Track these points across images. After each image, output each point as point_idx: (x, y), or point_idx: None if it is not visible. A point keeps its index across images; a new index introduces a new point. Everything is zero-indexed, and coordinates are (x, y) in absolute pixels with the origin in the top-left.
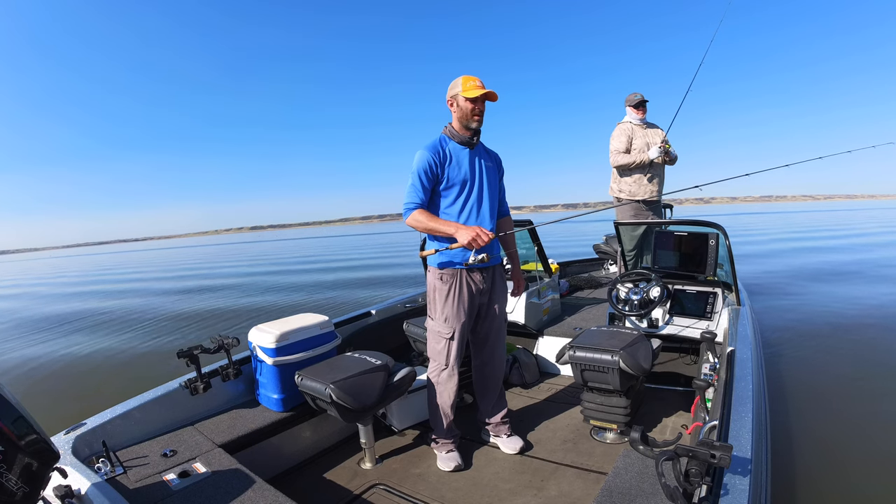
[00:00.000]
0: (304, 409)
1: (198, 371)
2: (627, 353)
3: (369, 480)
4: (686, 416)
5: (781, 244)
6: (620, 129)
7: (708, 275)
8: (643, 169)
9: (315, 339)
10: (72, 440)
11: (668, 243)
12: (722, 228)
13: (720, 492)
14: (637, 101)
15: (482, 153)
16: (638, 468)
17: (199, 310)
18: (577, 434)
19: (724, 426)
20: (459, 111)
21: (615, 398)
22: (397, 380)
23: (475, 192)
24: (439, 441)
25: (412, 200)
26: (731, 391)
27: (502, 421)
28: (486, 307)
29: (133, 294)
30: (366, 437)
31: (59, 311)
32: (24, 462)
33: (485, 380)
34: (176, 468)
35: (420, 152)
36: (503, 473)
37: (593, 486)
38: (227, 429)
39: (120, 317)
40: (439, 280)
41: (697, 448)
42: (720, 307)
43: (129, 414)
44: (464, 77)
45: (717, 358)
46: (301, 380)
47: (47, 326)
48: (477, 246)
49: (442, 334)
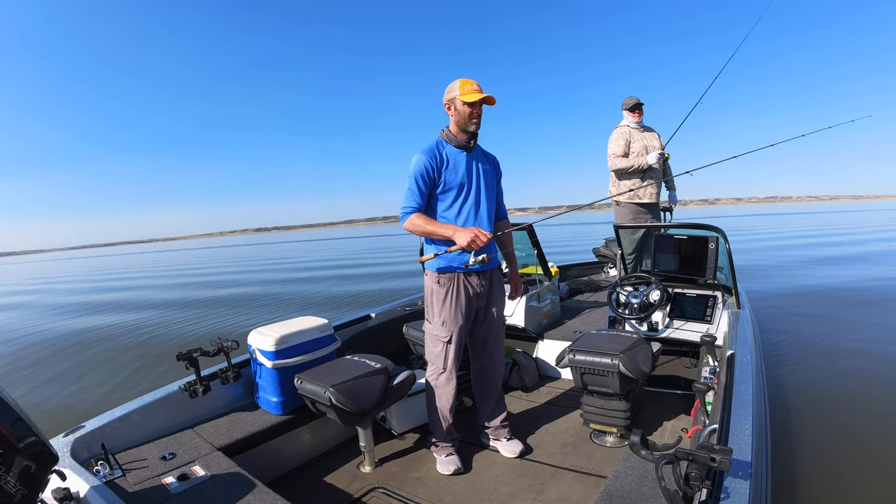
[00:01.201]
0: (304, 412)
1: (197, 374)
2: (627, 356)
3: (369, 484)
4: (686, 419)
5: (784, 246)
6: (618, 133)
7: (708, 278)
8: (641, 172)
9: (314, 343)
10: (70, 443)
11: (667, 247)
12: (722, 231)
13: (720, 495)
14: (633, 104)
15: (479, 156)
16: (638, 472)
17: (201, 309)
18: (576, 437)
19: (725, 430)
20: (457, 115)
21: (615, 402)
22: (397, 383)
23: (472, 196)
24: (439, 444)
25: (409, 204)
26: (732, 395)
27: (502, 424)
28: (484, 311)
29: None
30: (365, 441)
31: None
32: (23, 464)
33: (484, 383)
34: (175, 471)
35: (417, 156)
36: (503, 477)
37: (593, 489)
38: (226, 432)
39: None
40: (437, 283)
41: (697, 452)
42: (720, 310)
43: (128, 416)
44: (461, 80)
45: (717, 361)
46: (300, 383)
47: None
48: (476, 247)
49: (439, 338)
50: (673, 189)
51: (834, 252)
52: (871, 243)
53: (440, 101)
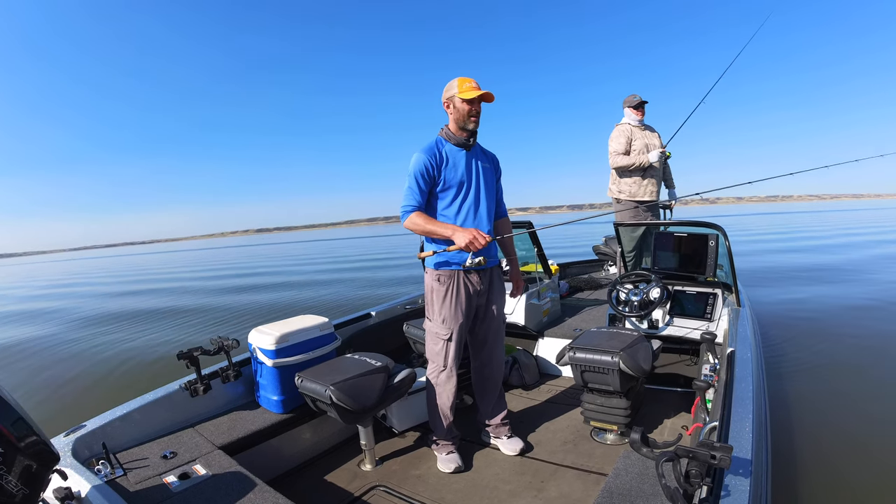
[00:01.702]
0: (304, 410)
1: (198, 373)
2: (627, 354)
3: (369, 482)
4: (686, 417)
5: (784, 245)
6: (619, 131)
7: (708, 276)
8: (642, 170)
9: (315, 341)
10: (72, 442)
11: (667, 244)
12: (721, 229)
13: (720, 493)
14: (637, 102)
15: (479, 154)
16: (638, 469)
17: (200, 310)
18: (577, 435)
19: (725, 427)
20: (456, 112)
21: (615, 399)
22: (397, 381)
23: (472, 194)
24: (439, 442)
25: (409, 203)
26: (732, 392)
27: (502, 422)
28: (484, 308)
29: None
30: (366, 439)
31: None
32: (24, 464)
33: (484, 381)
34: (176, 470)
35: (416, 155)
36: (503, 475)
37: (593, 487)
38: (227, 430)
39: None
40: (437, 281)
41: (698, 449)
42: (720, 308)
43: (128, 416)
44: (460, 79)
45: (718, 359)
46: (301, 381)
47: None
48: (474, 248)
49: (440, 335)
50: (672, 187)
51: (835, 252)
52: (871, 245)
53: (439, 100)
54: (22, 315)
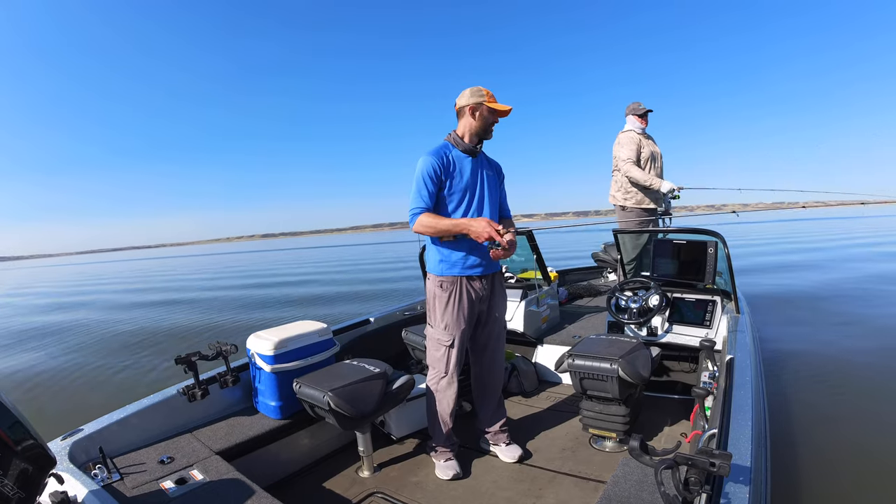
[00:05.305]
0: (302, 416)
1: (196, 378)
2: (626, 361)
3: (367, 488)
4: (685, 424)
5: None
6: (629, 138)
7: (707, 283)
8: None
9: (313, 347)
10: (68, 446)
11: (667, 251)
12: (721, 237)
13: (720, 500)
14: (644, 110)
15: (484, 162)
16: (637, 477)
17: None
18: (575, 442)
19: (724, 434)
20: (481, 120)
21: (614, 406)
22: (396, 388)
23: (476, 201)
24: (438, 449)
25: (418, 205)
26: (731, 399)
27: (501, 429)
28: (486, 314)
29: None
30: (364, 445)
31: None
32: (20, 467)
33: (484, 388)
34: (173, 475)
35: (424, 157)
36: (501, 482)
37: (592, 494)
38: (224, 436)
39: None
40: (439, 287)
41: (697, 456)
42: (719, 315)
43: (126, 420)
44: (484, 89)
45: (717, 366)
46: (299, 387)
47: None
48: (493, 234)
49: (441, 342)
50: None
51: (838, 258)
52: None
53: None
54: (24, 317)
